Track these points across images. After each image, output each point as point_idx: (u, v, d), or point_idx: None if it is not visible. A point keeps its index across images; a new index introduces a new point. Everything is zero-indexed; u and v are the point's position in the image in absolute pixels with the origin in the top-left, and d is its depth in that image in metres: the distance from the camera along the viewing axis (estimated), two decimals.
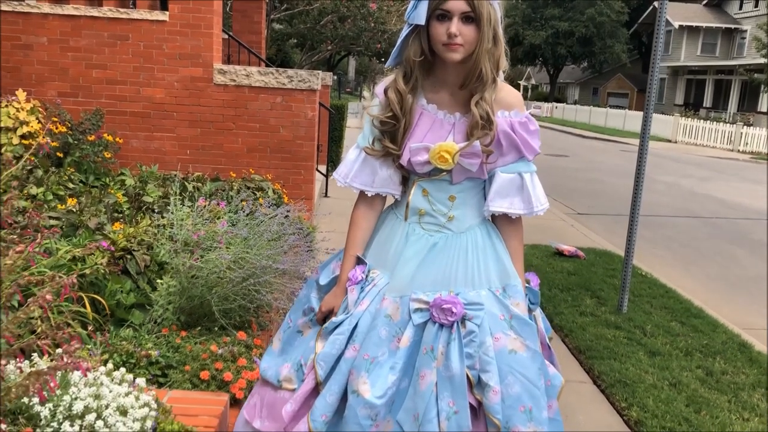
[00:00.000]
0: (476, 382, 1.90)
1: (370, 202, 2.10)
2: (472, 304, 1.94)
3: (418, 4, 1.85)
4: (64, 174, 5.07)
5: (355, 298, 2.01)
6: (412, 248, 2.02)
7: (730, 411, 3.57)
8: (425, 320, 1.94)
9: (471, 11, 1.81)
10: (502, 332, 1.94)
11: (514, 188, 2.01)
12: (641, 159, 4.94)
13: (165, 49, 6.10)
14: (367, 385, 1.89)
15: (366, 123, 2.06)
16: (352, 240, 2.10)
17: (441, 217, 2.02)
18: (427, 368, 1.89)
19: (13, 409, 1.96)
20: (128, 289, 3.43)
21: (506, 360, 1.91)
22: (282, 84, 6.18)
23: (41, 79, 6.15)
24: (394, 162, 2.02)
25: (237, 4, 9.85)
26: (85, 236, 3.85)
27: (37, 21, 6.06)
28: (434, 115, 1.99)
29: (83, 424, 1.94)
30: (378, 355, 1.93)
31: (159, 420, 2.20)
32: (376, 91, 2.04)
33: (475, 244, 2.03)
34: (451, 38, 1.83)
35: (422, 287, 1.97)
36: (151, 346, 2.89)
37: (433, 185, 2.02)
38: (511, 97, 1.99)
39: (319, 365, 1.96)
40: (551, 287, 5.51)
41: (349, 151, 2.11)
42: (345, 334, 1.97)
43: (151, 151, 6.25)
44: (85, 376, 1.98)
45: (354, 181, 2.06)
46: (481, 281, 2.00)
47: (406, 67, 1.94)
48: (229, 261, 3.07)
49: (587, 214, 10.04)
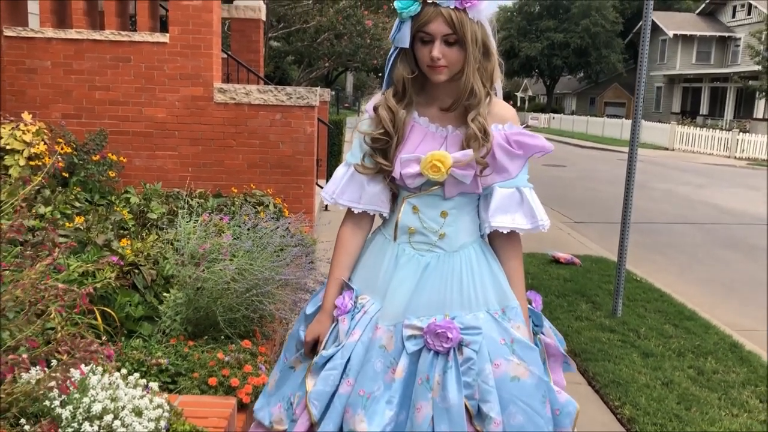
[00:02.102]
0: (476, 412, 1.80)
1: (357, 221, 2.02)
2: (469, 329, 1.83)
3: (401, 26, 1.80)
4: (70, 193, 5.21)
5: (347, 329, 1.91)
6: (402, 271, 1.92)
7: (720, 408, 3.69)
8: (419, 348, 1.84)
9: (453, 33, 1.76)
10: (503, 358, 1.85)
11: (515, 203, 1.92)
12: (631, 165, 5.11)
13: (166, 69, 6.27)
14: (364, 423, 1.80)
15: (355, 140, 1.99)
16: (338, 263, 2.01)
17: (432, 234, 1.92)
18: (423, 400, 1.80)
19: (35, 412, 2.09)
20: (136, 302, 3.56)
21: (508, 388, 1.82)
22: (281, 101, 6.34)
23: (46, 102, 6.32)
24: (385, 178, 1.94)
25: (235, 24, 10.04)
26: (94, 252, 3.99)
27: (42, 45, 6.24)
28: (426, 128, 1.93)
29: (101, 424, 2.07)
30: (374, 390, 1.83)
31: (171, 421, 2.33)
32: (366, 108, 1.99)
33: (470, 263, 1.93)
34: (434, 61, 1.79)
35: (415, 312, 1.88)
36: (161, 355, 3.02)
37: (424, 201, 1.93)
38: (505, 111, 1.94)
39: (312, 404, 1.87)
40: (547, 294, 5.64)
41: (337, 169, 2.04)
42: (338, 368, 1.88)
43: (154, 170, 6.40)
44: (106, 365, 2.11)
45: (341, 197, 1.98)
46: (478, 303, 1.90)
47: (397, 85, 1.89)
48: (233, 272, 3.21)
49: (584, 222, 10.17)
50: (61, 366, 1.70)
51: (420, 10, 1.76)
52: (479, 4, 1.76)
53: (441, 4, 1.74)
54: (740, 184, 16.42)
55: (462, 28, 1.76)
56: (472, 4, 1.74)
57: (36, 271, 1.96)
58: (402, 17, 1.78)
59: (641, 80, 5.00)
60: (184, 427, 2.34)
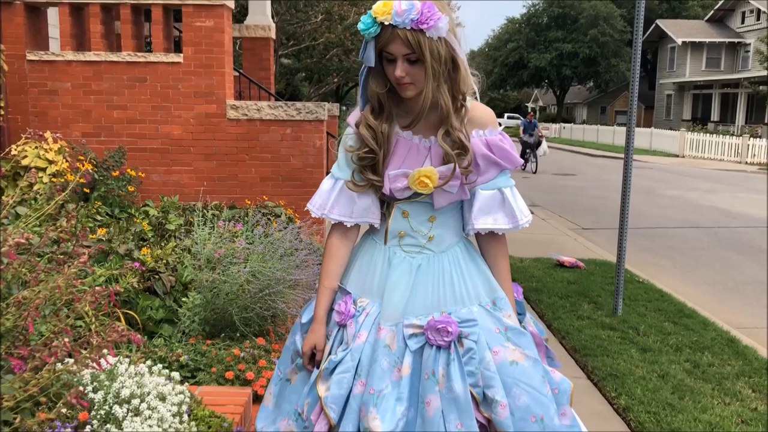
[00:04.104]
0: (482, 399, 1.88)
1: (346, 232, 2.06)
2: (466, 321, 1.92)
3: (366, 46, 1.85)
4: (92, 207, 5.48)
5: (354, 332, 1.97)
6: (395, 273, 1.99)
7: (713, 397, 3.86)
8: (422, 344, 1.92)
9: (412, 53, 1.81)
10: (500, 345, 1.93)
11: (496, 204, 2.00)
12: (627, 167, 5.31)
13: (180, 88, 6.55)
14: (377, 420, 1.85)
15: (341, 154, 2.03)
16: (327, 272, 2.05)
17: (421, 237, 2.01)
18: (431, 393, 1.87)
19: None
20: (157, 306, 3.81)
21: (509, 372, 1.90)
22: (291, 116, 6.60)
23: (66, 122, 6.61)
24: (376, 191, 1.99)
25: (246, 43, 10.34)
26: (116, 261, 4.24)
27: (62, 68, 6.53)
28: (410, 141, 1.97)
29: (129, 407, 2.30)
30: (383, 388, 1.89)
31: (192, 407, 2.56)
32: (348, 121, 2.03)
33: (457, 262, 2.02)
34: (399, 79, 1.85)
35: (413, 312, 1.96)
36: (181, 352, 3.25)
37: (413, 207, 2.00)
38: (484, 116, 1.98)
39: (330, 408, 1.91)
40: (551, 295, 5.83)
41: (323, 181, 2.07)
42: (350, 371, 1.93)
43: (171, 184, 6.67)
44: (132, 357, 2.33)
45: (332, 212, 2.02)
46: (470, 298, 1.99)
47: (373, 102, 1.94)
48: (247, 274, 3.44)
49: (591, 229, 10.34)
50: (95, 347, 1.93)
51: (380, 32, 1.81)
52: (436, 23, 1.78)
53: (398, 26, 1.78)
54: (750, 189, 16.51)
55: (420, 47, 1.80)
56: (428, 25, 1.78)
57: (68, 273, 2.19)
58: (366, 38, 1.85)
59: (634, 88, 5.21)
60: (204, 413, 2.56)
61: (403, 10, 1.77)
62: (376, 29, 1.81)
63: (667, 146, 29.32)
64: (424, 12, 1.77)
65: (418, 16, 1.77)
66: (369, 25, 1.81)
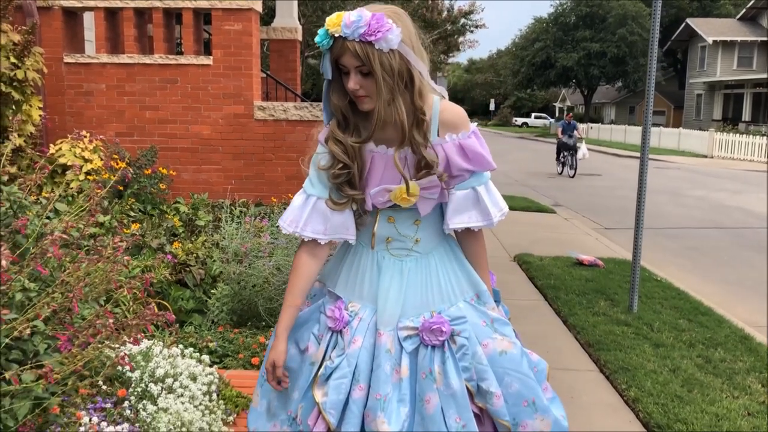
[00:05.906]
0: (476, 391, 1.97)
1: (317, 249, 2.01)
2: (457, 319, 1.99)
3: (324, 58, 1.85)
4: (125, 204, 5.74)
5: (349, 338, 1.98)
6: (386, 277, 2.01)
7: (722, 391, 3.97)
8: (417, 345, 1.97)
9: (362, 65, 1.80)
10: (488, 338, 2.01)
11: (470, 203, 2.01)
12: (643, 165, 5.42)
13: (210, 89, 6.79)
14: (386, 424, 1.90)
15: (312, 170, 2.01)
16: (293, 289, 2.00)
17: (408, 241, 2.03)
18: (430, 392, 1.93)
19: (110, 377, 2.53)
20: (188, 297, 4.03)
21: (499, 362, 1.99)
22: (316, 116, 6.80)
23: (101, 122, 6.89)
24: (352, 207, 1.99)
25: (273, 45, 10.57)
26: (149, 255, 4.47)
27: (97, 70, 6.82)
28: (385, 155, 1.96)
29: (164, 386, 2.51)
30: (388, 392, 1.93)
31: (220, 388, 2.76)
32: (319, 139, 2.02)
33: (443, 261, 2.06)
34: (353, 92, 1.85)
35: (405, 314, 2.00)
36: (210, 339, 3.46)
37: (398, 213, 2.02)
38: (456, 118, 1.96)
39: (329, 414, 1.94)
40: (568, 292, 5.95)
41: (294, 197, 2.05)
42: (347, 376, 1.95)
43: (200, 182, 6.91)
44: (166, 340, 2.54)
45: (305, 229, 1.98)
46: (456, 295, 2.04)
47: (337, 115, 1.94)
48: (272, 268, 3.64)
49: (614, 228, 10.39)
50: (134, 326, 2.13)
51: (333, 44, 1.81)
52: (385, 34, 1.76)
53: (347, 38, 1.77)
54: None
55: (369, 60, 1.78)
56: (377, 37, 1.76)
57: (108, 257, 2.40)
58: (323, 50, 1.85)
59: (650, 87, 5.32)
60: (231, 393, 2.77)
61: (351, 22, 1.76)
62: (329, 41, 1.81)
63: (696, 147, 29.09)
64: (372, 24, 1.76)
65: (365, 28, 1.76)
66: (322, 37, 1.81)
